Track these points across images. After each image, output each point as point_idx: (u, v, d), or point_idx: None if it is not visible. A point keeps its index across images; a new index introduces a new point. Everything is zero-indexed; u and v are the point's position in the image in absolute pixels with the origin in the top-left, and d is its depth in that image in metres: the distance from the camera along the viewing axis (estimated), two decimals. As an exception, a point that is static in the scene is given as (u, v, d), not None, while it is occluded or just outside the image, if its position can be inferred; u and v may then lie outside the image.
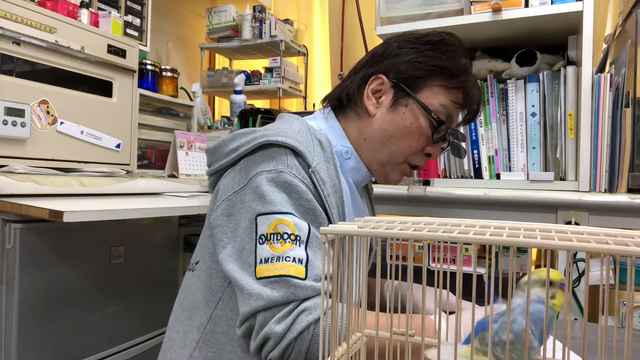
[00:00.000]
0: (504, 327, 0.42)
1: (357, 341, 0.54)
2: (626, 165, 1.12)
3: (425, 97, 0.80)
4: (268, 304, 0.64)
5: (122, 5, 1.79)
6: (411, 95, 0.80)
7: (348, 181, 0.84)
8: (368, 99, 0.82)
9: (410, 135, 0.81)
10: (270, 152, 0.71)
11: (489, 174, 1.29)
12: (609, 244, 0.36)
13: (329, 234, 0.45)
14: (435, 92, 0.81)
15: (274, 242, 0.66)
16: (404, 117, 0.81)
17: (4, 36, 1.16)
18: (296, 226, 0.67)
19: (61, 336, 1.17)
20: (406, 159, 0.84)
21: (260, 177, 0.69)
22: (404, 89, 0.81)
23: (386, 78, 0.82)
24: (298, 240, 0.66)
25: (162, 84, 1.98)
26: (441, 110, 0.81)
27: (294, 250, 0.65)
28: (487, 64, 1.34)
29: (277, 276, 0.64)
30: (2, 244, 1.07)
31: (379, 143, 0.82)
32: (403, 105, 0.81)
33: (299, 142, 0.71)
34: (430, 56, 0.81)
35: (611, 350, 0.64)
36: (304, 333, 0.64)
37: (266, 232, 0.66)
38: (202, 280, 0.76)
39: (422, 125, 0.80)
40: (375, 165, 0.85)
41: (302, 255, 0.65)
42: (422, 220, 0.50)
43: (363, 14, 2.08)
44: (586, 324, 0.40)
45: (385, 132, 0.82)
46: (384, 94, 0.82)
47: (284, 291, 0.64)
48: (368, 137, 0.83)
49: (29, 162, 1.22)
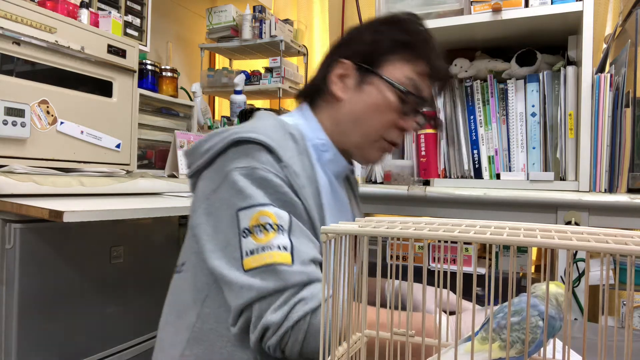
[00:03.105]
0: (518, 311, 0.42)
1: (357, 341, 0.54)
2: (626, 165, 1.12)
3: (389, 72, 0.81)
4: (260, 294, 0.65)
5: (122, 5, 1.79)
6: (375, 72, 0.81)
7: (327, 173, 0.85)
8: (334, 85, 0.83)
9: (379, 111, 0.82)
10: (243, 149, 0.72)
11: (489, 174, 1.29)
12: (608, 243, 0.36)
13: (330, 234, 0.45)
14: (398, 66, 0.82)
15: (257, 234, 0.67)
16: (370, 94, 0.81)
17: (4, 36, 1.16)
18: (277, 216, 0.68)
19: (61, 336, 1.17)
20: (380, 136, 0.84)
21: (235, 173, 0.70)
22: (367, 68, 0.82)
23: (349, 61, 0.83)
24: (281, 229, 0.67)
25: (162, 84, 1.98)
26: (406, 82, 0.81)
27: (278, 238, 0.66)
28: (487, 64, 1.34)
29: (264, 265, 0.65)
30: (2, 244, 1.07)
31: (351, 125, 0.83)
32: (368, 84, 0.82)
33: (270, 138, 0.72)
34: (389, 33, 0.83)
35: (611, 350, 0.64)
36: (300, 322, 0.64)
37: (249, 225, 0.67)
38: (188, 281, 0.77)
39: (389, 99, 0.81)
40: (352, 148, 0.85)
41: (286, 243, 0.67)
42: (422, 220, 0.50)
43: (363, 14, 2.08)
44: (586, 324, 0.40)
45: (354, 113, 0.83)
46: (349, 77, 0.83)
47: (273, 279, 0.65)
48: (340, 121, 0.84)
49: (29, 162, 1.22)
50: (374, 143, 0.84)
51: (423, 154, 1.36)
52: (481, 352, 0.45)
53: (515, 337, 0.43)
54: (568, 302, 0.41)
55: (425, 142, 1.35)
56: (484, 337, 0.46)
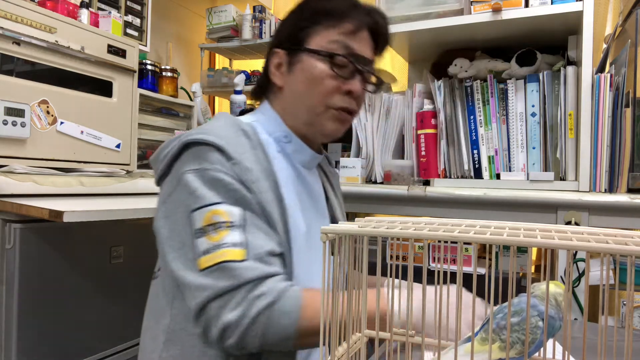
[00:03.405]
0: (518, 311, 0.42)
1: (357, 341, 0.54)
2: (626, 165, 1.12)
3: (315, 43, 0.81)
4: (214, 293, 0.66)
5: (122, 5, 1.79)
6: (300, 49, 0.82)
7: (293, 164, 0.85)
8: (273, 75, 0.85)
9: (315, 83, 0.81)
10: (195, 151, 0.73)
11: (489, 174, 1.29)
12: (608, 243, 0.36)
13: (330, 234, 0.45)
14: (322, 34, 0.81)
15: (210, 233, 0.68)
16: (302, 71, 0.82)
17: (4, 36, 1.16)
18: (229, 213, 0.69)
19: (61, 336, 1.17)
20: (325, 105, 0.82)
21: (187, 175, 0.72)
22: (294, 49, 0.83)
23: (279, 49, 0.84)
24: (233, 225, 0.68)
25: (162, 84, 1.98)
26: (332, 46, 0.81)
27: (230, 235, 0.67)
28: (487, 64, 1.34)
29: (217, 264, 0.66)
30: (2, 244, 1.07)
31: (296, 106, 0.84)
32: (298, 62, 0.82)
33: (220, 137, 0.73)
34: (307, 8, 0.84)
35: (611, 350, 0.64)
36: (259, 317, 0.65)
37: (202, 225, 0.68)
38: (160, 285, 0.79)
39: (320, 68, 0.80)
40: (305, 128, 0.85)
41: (239, 239, 0.68)
42: (422, 220, 0.50)
43: (363, 14, 2.08)
44: (586, 324, 0.40)
45: (294, 93, 0.83)
46: (284, 64, 0.84)
47: (226, 277, 0.65)
48: (287, 107, 0.85)
49: (29, 162, 1.22)
50: (322, 115, 0.83)
51: (423, 154, 1.36)
52: (481, 352, 0.45)
53: (515, 337, 0.43)
54: (568, 302, 0.41)
55: (425, 142, 1.35)
56: (483, 337, 0.46)
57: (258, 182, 0.73)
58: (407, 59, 1.67)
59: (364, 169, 1.43)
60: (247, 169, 0.72)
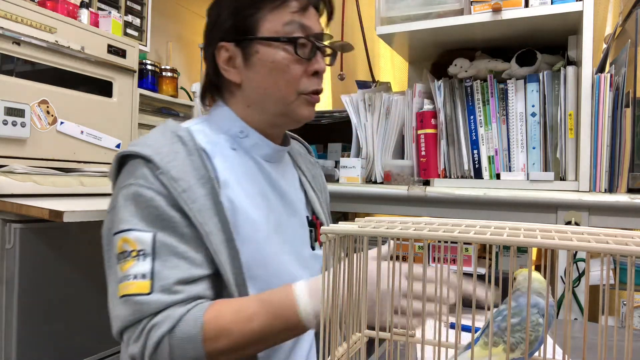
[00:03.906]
0: (517, 312, 0.42)
1: (357, 341, 0.54)
2: (626, 165, 1.12)
3: (267, 29, 0.76)
4: (123, 325, 0.66)
5: (122, 5, 1.79)
6: (253, 39, 0.77)
7: (254, 159, 0.81)
8: (226, 72, 0.79)
9: (281, 72, 0.77)
10: (128, 166, 0.72)
11: (489, 174, 1.29)
12: (609, 243, 0.36)
13: (330, 234, 0.45)
14: (271, 18, 0.76)
15: (122, 262, 0.67)
16: (262, 63, 0.77)
17: (4, 36, 1.16)
18: (139, 241, 0.66)
19: (61, 336, 1.17)
20: (296, 93, 0.79)
21: (118, 192, 0.71)
22: (244, 39, 0.77)
23: (226, 43, 0.78)
24: (141, 254, 0.66)
25: (162, 84, 1.98)
26: (288, 29, 0.76)
27: (136, 266, 0.65)
28: (487, 64, 1.34)
29: (123, 296, 0.66)
30: (2, 244, 1.07)
31: (263, 100, 0.79)
32: (254, 54, 0.77)
33: (149, 147, 0.70)
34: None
35: (611, 350, 0.64)
36: (160, 347, 0.63)
37: (117, 252, 0.68)
38: None
39: (282, 55, 0.76)
40: (278, 118, 0.82)
41: (145, 270, 0.65)
42: (422, 220, 0.50)
43: (363, 14, 2.08)
44: (586, 324, 0.40)
45: (259, 88, 0.79)
46: (235, 57, 0.79)
47: (130, 311, 0.65)
48: (251, 103, 0.80)
49: (29, 162, 1.22)
50: (294, 102, 0.79)
51: (423, 154, 1.36)
52: (485, 357, 0.45)
53: (519, 337, 0.43)
54: (568, 302, 0.41)
55: (425, 142, 1.35)
56: (485, 342, 0.46)
57: (189, 191, 0.69)
58: (407, 59, 1.67)
59: (364, 169, 1.43)
60: (174, 178, 0.69)
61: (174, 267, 0.66)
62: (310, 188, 0.93)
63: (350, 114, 1.47)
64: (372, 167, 1.44)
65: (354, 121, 1.46)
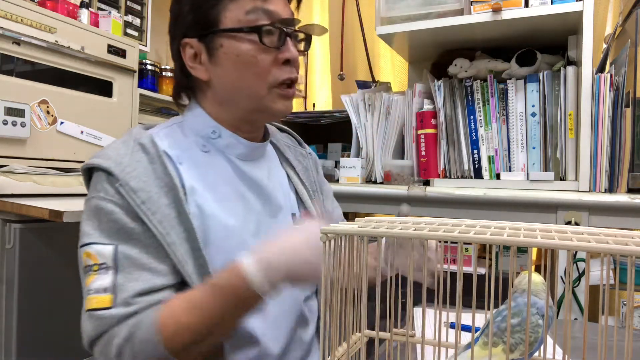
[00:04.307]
0: (516, 312, 0.42)
1: (357, 341, 0.54)
2: (626, 165, 1.12)
3: (229, 20, 0.72)
4: (88, 340, 0.67)
5: (122, 5, 1.79)
6: (215, 31, 0.72)
7: (228, 159, 0.77)
8: (193, 70, 0.75)
9: (249, 65, 0.72)
10: (93, 178, 0.71)
11: (489, 174, 1.29)
12: (609, 243, 0.36)
13: (329, 234, 0.45)
14: (232, 8, 0.71)
15: (86, 275, 0.68)
16: (228, 57, 0.72)
17: (4, 36, 1.16)
18: (99, 254, 0.67)
19: (61, 336, 1.17)
20: (269, 85, 0.74)
21: (84, 206, 0.71)
22: (206, 33, 0.73)
23: (189, 39, 0.74)
24: (103, 268, 0.66)
25: (162, 84, 1.98)
26: (252, 17, 0.71)
27: (97, 280, 0.66)
28: (487, 64, 1.34)
29: (88, 311, 0.67)
30: (2, 244, 1.07)
31: (234, 97, 0.75)
32: (218, 48, 0.72)
33: (108, 158, 0.69)
34: None
35: (611, 350, 0.64)
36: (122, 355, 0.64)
37: (82, 265, 0.69)
38: None
39: (247, 47, 0.71)
40: (252, 115, 0.77)
41: (106, 284, 0.66)
42: (422, 220, 0.50)
43: (363, 14, 2.08)
44: (586, 324, 0.40)
45: (228, 84, 0.74)
46: (201, 53, 0.74)
47: (93, 325, 0.66)
48: (222, 100, 0.76)
49: (29, 162, 1.22)
50: (266, 97, 0.74)
51: (423, 154, 1.36)
52: (485, 357, 0.45)
53: (519, 338, 0.43)
54: (568, 302, 0.41)
55: (425, 142, 1.35)
56: (485, 342, 0.46)
57: (149, 201, 0.67)
58: (407, 59, 1.67)
59: (364, 169, 1.43)
60: (134, 190, 0.66)
61: (136, 279, 0.66)
62: (300, 182, 0.88)
63: (350, 114, 1.47)
64: (372, 167, 1.44)
65: (354, 121, 1.47)
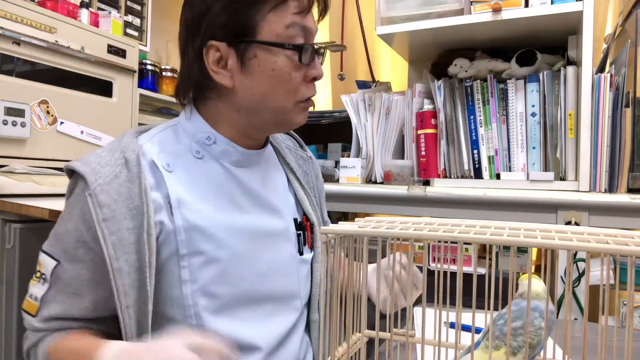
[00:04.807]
0: (518, 315, 0.42)
1: (357, 341, 0.54)
2: (626, 165, 1.12)
3: (267, 32, 0.68)
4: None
5: (122, 5, 1.79)
6: (253, 41, 0.68)
7: (223, 165, 0.75)
8: (217, 74, 0.70)
9: (282, 80, 0.70)
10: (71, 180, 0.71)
11: (489, 174, 1.29)
12: (609, 243, 0.36)
13: (330, 234, 0.45)
14: (272, 19, 0.68)
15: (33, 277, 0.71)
16: (262, 69, 0.69)
17: (4, 36, 1.16)
18: (44, 265, 0.69)
19: (61, 336, 1.17)
20: (295, 101, 0.73)
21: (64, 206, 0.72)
22: (241, 40, 0.69)
23: (217, 42, 0.69)
24: (42, 278, 0.69)
25: (162, 84, 1.98)
26: (291, 32, 0.69)
27: (35, 287, 0.69)
28: (487, 64, 1.34)
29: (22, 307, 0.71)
30: (2, 244, 1.07)
31: (258, 107, 0.73)
32: (252, 58, 0.69)
33: (88, 164, 0.66)
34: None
35: (611, 350, 0.64)
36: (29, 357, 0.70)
37: None
38: None
39: (284, 63, 0.70)
40: (270, 126, 0.76)
41: (39, 293, 0.68)
42: (422, 220, 0.50)
43: (363, 14, 2.08)
44: (586, 324, 0.40)
45: (255, 95, 0.71)
46: (228, 59, 0.70)
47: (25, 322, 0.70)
48: (242, 108, 0.73)
49: (29, 162, 1.22)
50: (291, 111, 0.74)
51: (423, 154, 1.36)
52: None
53: (521, 341, 0.43)
54: (568, 302, 0.41)
55: (425, 142, 1.35)
56: (487, 345, 0.45)
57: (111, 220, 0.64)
58: (407, 59, 1.67)
59: (364, 169, 1.43)
60: (100, 204, 0.64)
61: (59, 302, 0.68)
62: (300, 187, 0.87)
63: (350, 114, 1.47)
64: (372, 167, 1.44)
65: (354, 121, 1.47)
